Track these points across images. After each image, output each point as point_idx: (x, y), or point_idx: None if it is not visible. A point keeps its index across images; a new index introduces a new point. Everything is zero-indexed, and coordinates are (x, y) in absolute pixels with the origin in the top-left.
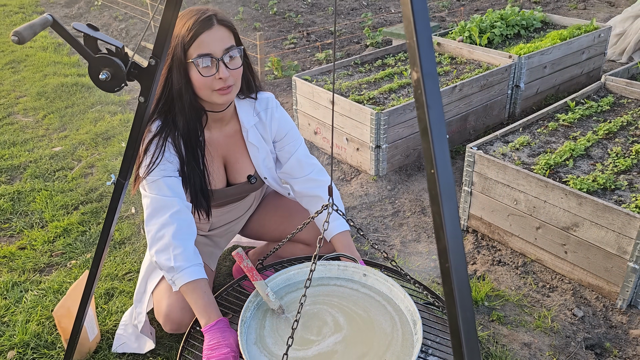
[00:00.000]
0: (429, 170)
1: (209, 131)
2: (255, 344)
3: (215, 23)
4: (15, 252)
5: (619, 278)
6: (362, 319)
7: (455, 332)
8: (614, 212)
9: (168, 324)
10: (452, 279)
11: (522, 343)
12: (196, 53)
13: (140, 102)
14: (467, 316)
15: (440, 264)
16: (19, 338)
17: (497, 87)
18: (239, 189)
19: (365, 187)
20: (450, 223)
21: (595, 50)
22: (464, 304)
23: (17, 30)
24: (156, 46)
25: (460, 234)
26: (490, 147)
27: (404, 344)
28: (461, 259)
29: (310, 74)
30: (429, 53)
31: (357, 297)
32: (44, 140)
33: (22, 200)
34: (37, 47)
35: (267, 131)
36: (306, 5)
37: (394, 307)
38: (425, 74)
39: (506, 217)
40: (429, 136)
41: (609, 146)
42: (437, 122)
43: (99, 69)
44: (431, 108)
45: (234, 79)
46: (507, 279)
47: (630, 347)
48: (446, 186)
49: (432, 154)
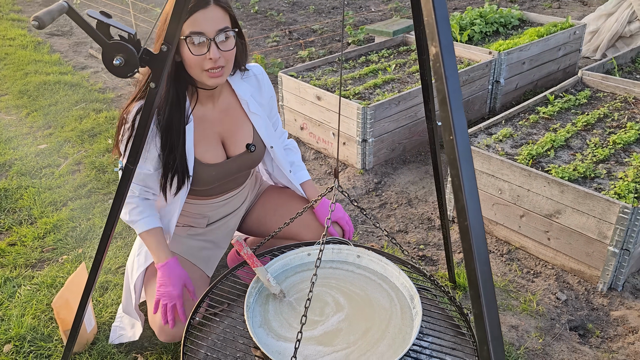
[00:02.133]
0: (447, 137)
1: (203, 107)
2: (261, 326)
3: (211, 3)
4: (6, 248)
5: (600, 262)
6: (360, 298)
7: (474, 283)
8: (595, 199)
9: (163, 336)
10: (470, 236)
11: (510, 325)
12: (189, 30)
13: (151, 88)
14: (484, 269)
15: (459, 222)
16: (15, 331)
17: (478, 82)
18: (239, 161)
19: (352, 181)
20: (468, 184)
21: (571, 47)
22: (482, 258)
23: (37, 16)
24: (168, 33)
25: (477, 194)
26: (474, 139)
27: (404, 317)
28: (478, 217)
29: (296, 70)
30: (446, 29)
31: (353, 277)
32: (28, 138)
33: (9, 197)
34: (16, 46)
35: (264, 96)
36: (287, 4)
37: (390, 285)
38: (444, 48)
39: (491, 206)
40: (448, 105)
41: (588, 137)
42: (454, 92)
43: (113, 55)
44: (449, 79)
45: (225, 60)
46: (492, 266)
47: (611, 328)
48: (464, 151)
49: (451, 121)
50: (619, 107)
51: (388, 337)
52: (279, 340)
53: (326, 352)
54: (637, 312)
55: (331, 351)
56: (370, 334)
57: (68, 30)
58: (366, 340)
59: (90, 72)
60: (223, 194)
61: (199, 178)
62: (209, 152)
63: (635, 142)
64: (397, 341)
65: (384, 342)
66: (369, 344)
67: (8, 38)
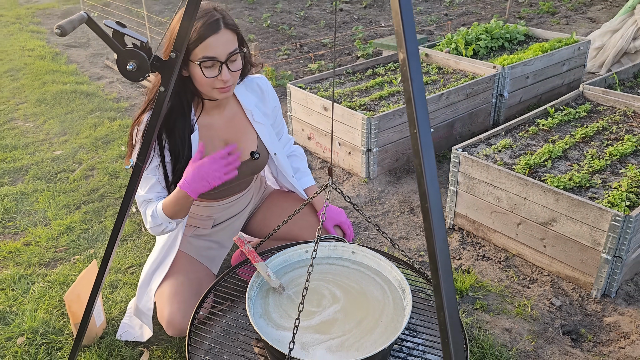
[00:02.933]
0: (412, 131)
1: (209, 117)
2: (262, 317)
3: (222, 27)
4: (21, 247)
5: (594, 269)
6: (355, 291)
7: (433, 257)
8: (588, 207)
9: (170, 329)
10: (430, 217)
11: (503, 328)
12: (202, 54)
13: (161, 92)
14: (442, 247)
15: (422, 205)
16: (28, 325)
17: (481, 95)
18: (243, 167)
19: (356, 189)
20: (429, 171)
21: (575, 62)
22: (440, 236)
23: (60, 25)
24: (177, 42)
25: (437, 181)
26: (474, 149)
27: (396, 307)
28: (437, 200)
29: (304, 81)
30: (413, 37)
31: (348, 272)
32: (44, 144)
33: (26, 200)
34: (35, 56)
35: (268, 105)
36: (299, 19)
37: (383, 278)
38: (410, 54)
39: (489, 214)
40: (413, 103)
41: (585, 149)
42: (419, 92)
43: (126, 60)
44: (414, 81)
45: (234, 78)
46: (490, 272)
47: (604, 333)
48: (426, 142)
49: (415, 117)
50: (618, 120)
51: (381, 325)
52: (279, 329)
53: (323, 339)
54: (629, 318)
55: (327, 338)
56: (364, 323)
57: (85, 42)
58: (360, 329)
59: (106, 82)
60: (228, 197)
61: None
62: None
63: (632, 153)
64: (389, 329)
65: (377, 330)
66: (363, 332)
67: (27, 49)
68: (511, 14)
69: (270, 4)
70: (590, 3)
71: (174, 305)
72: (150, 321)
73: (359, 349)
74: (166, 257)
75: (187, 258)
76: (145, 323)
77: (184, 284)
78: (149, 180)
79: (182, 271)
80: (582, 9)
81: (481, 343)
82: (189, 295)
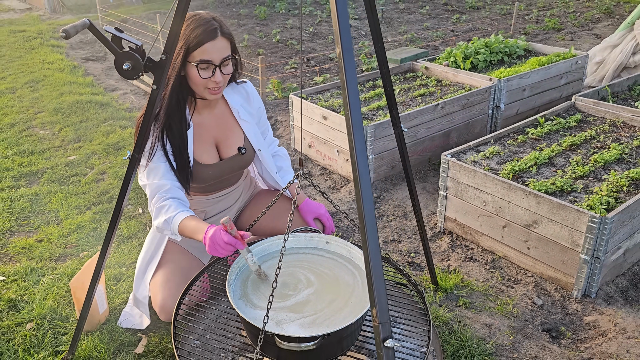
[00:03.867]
0: (346, 112)
1: (200, 115)
2: (241, 299)
3: (219, 35)
4: (33, 244)
5: (574, 270)
6: (328, 276)
7: (362, 217)
8: (567, 209)
9: (163, 314)
10: (359, 184)
11: (484, 324)
12: (199, 57)
13: (153, 89)
14: (369, 208)
15: (353, 174)
16: (36, 312)
17: (477, 106)
18: (231, 162)
19: (353, 195)
20: (359, 145)
21: (573, 76)
22: (367, 198)
23: (65, 29)
24: (167, 45)
25: (366, 153)
26: (463, 155)
27: (364, 290)
28: (366, 171)
29: (306, 93)
30: (347, 36)
31: (322, 260)
32: (59, 150)
33: (40, 201)
34: (54, 69)
35: (252, 105)
36: (307, 34)
37: (354, 265)
38: (344, 49)
39: (477, 217)
40: (346, 89)
41: (571, 156)
42: (351, 81)
43: (123, 61)
44: (347, 71)
45: (224, 81)
46: (476, 272)
47: (582, 331)
48: (356, 121)
49: (347, 101)
50: (606, 130)
51: (350, 305)
52: (256, 309)
53: (296, 317)
54: (608, 317)
55: (300, 317)
56: (335, 303)
57: (102, 55)
58: (331, 308)
59: (120, 94)
60: (218, 191)
61: (197, 176)
62: (205, 153)
63: (616, 161)
64: (357, 308)
65: (346, 309)
66: (333, 311)
67: (47, 62)
68: (517, 30)
69: (281, 20)
70: (597, 20)
71: (165, 292)
72: (147, 310)
73: (329, 325)
74: (158, 248)
75: (178, 248)
76: (143, 312)
77: (174, 271)
78: (157, 169)
79: (174, 260)
80: (588, 25)
81: (460, 336)
82: (179, 281)
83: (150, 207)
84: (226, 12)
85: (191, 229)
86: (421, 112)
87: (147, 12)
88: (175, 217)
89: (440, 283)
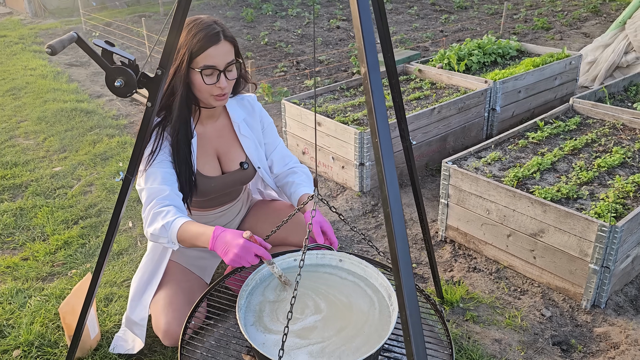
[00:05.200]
0: (373, 140)
1: (203, 126)
2: (253, 325)
3: (222, 39)
4: (19, 262)
5: (583, 280)
6: (340, 302)
7: (395, 260)
8: (575, 218)
9: (167, 339)
10: (392, 220)
11: (493, 339)
12: (202, 63)
13: (148, 107)
14: (403, 248)
15: (383, 209)
16: (23, 338)
17: (474, 109)
18: (233, 176)
19: (350, 203)
20: (390, 177)
21: (567, 77)
22: (401, 238)
23: (50, 44)
24: (162, 59)
25: (397, 186)
26: (464, 162)
27: (382, 318)
28: (398, 205)
29: (299, 97)
30: (373, 53)
31: (335, 282)
32: (44, 161)
33: (25, 215)
34: (36, 75)
35: (257, 120)
36: (296, 37)
37: (369, 285)
38: (370, 68)
39: (480, 226)
40: (374, 114)
41: (574, 161)
42: (379, 104)
43: (115, 77)
44: (375, 93)
45: (229, 87)
46: (481, 283)
47: (594, 344)
48: (386, 150)
49: (376, 127)
50: (607, 133)
51: (363, 334)
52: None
53: (303, 344)
54: (619, 329)
55: (307, 344)
56: (345, 332)
57: (86, 61)
58: (340, 337)
59: (106, 100)
60: (220, 207)
61: (200, 188)
62: (208, 164)
63: (620, 165)
64: (372, 338)
65: (358, 338)
66: (344, 340)
67: (29, 68)
68: (506, 29)
69: (269, 22)
70: (584, 18)
71: (169, 315)
72: (143, 332)
73: (340, 356)
74: (158, 267)
75: (179, 268)
76: (137, 334)
77: (177, 293)
78: (157, 173)
79: (175, 280)
80: (576, 24)
81: (470, 354)
82: (182, 304)
83: (144, 212)
84: (212, 14)
85: (193, 234)
86: (417, 117)
87: (131, 15)
88: (174, 221)
89: (446, 296)
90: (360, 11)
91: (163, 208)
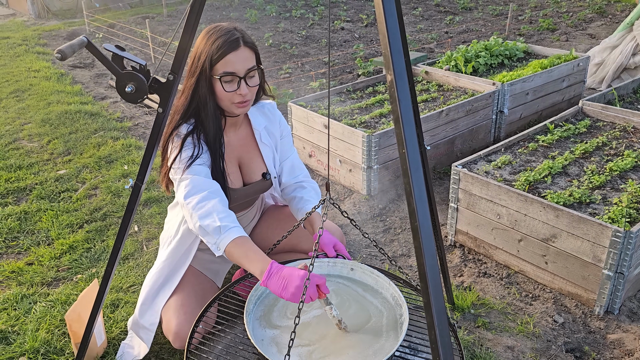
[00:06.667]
0: (400, 150)
1: (226, 135)
2: (260, 324)
3: (241, 45)
4: (24, 267)
5: (596, 286)
6: (349, 326)
7: (423, 276)
8: (588, 223)
9: (177, 341)
10: (420, 235)
11: (506, 346)
12: (222, 70)
13: (159, 113)
14: (432, 264)
15: (411, 222)
16: (29, 345)
17: (481, 112)
18: (256, 187)
19: (357, 206)
20: (418, 189)
21: (575, 78)
22: (429, 253)
23: (60, 49)
24: (174, 64)
25: (426, 198)
26: (474, 166)
27: (388, 335)
28: (427, 218)
29: (305, 100)
30: (400, 60)
31: (344, 290)
32: (48, 164)
33: (29, 219)
34: (40, 77)
35: (277, 128)
36: (300, 38)
37: (379, 297)
38: (397, 75)
39: (490, 231)
40: (401, 123)
41: (585, 164)
42: (406, 113)
43: (125, 83)
44: (402, 101)
45: (251, 94)
46: (492, 289)
47: (607, 351)
48: (414, 161)
49: (403, 137)
50: (617, 136)
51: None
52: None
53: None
54: (633, 336)
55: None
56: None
57: (90, 62)
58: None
59: (110, 102)
60: (236, 214)
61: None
62: (232, 175)
63: (632, 169)
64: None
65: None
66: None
67: (33, 70)
68: (511, 31)
69: (273, 23)
70: (590, 19)
71: (181, 317)
72: (151, 337)
73: None
74: (175, 272)
75: (192, 271)
76: (143, 339)
77: (189, 295)
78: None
79: (188, 283)
80: (582, 25)
81: None
82: (195, 306)
83: (190, 200)
84: (216, 15)
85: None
86: (425, 120)
87: (134, 16)
88: (232, 229)
89: (457, 302)
90: (387, 16)
91: (218, 206)
